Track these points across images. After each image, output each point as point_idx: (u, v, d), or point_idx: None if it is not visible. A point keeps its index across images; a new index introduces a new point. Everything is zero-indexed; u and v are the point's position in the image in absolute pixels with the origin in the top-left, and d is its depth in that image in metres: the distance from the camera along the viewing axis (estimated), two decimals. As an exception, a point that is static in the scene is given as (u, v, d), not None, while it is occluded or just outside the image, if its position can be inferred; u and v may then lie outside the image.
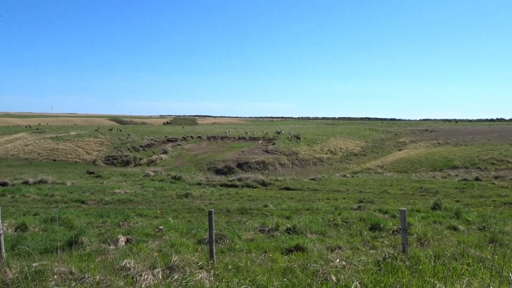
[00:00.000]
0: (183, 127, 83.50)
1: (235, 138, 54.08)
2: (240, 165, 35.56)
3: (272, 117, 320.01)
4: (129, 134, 53.29)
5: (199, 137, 55.94)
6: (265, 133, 57.58)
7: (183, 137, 54.45)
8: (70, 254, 5.38)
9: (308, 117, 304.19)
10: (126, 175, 22.41)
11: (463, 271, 4.13)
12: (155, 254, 5.29)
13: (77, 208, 10.60)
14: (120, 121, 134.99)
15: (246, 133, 59.51)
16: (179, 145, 48.92)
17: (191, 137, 55.68)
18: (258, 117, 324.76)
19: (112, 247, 6.10)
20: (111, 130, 60.81)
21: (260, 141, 50.11)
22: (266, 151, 41.26)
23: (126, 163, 39.38)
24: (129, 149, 45.34)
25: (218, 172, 32.75)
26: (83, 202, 11.74)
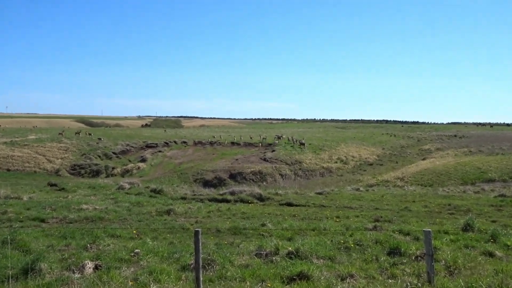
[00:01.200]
0: (165, 130, 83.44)
1: (227, 143, 54.11)
2: (232, 176, 35.53)
3: (271, 119, 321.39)
4: (100, 139, 53.10)
5: (184, 142, 55.85)
6: (263, 138, 57.67)
7: (165, 142, 54.34)
8: (25, 284, 5.30)
9: (314, 119, 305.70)
10: (96, 187, 22.26)
11: (500, 305, 4.11)
12: (130, 283, 5.23)
13: (36, 228, 10.49)
14: (89, 123, 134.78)
15: (241, 137, 59.60)
16: (160, 151, 48.79)
17: (175, 142, 55.57)
18: (255, 119, 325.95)
19: (77, 275, 6.02)
20: (78, 133, 60.58)
21: (257, 148, 50.13)
22: (264, 160, 41.29)
23: (96, 173, 39.16)
24: (99, 156, 45.12)
25: (207, 184, 32.67)
26: (42, 220, 11.62)
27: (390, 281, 5.62)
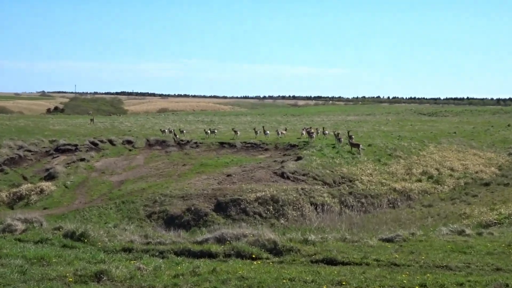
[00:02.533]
0: (92, 120, 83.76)
1: (210, 144, 54.13)
2: (221, 207, 35.41)
3: (294, 97, 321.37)
4: (-32, 136, 53.29)
5: (129, 142, 56.08)
6: (280, 134, 57.57)
7: (92, 143, 54.50)
8: None
9: (378, 97, 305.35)
10: (-39, 228, 22.29)
11: None
12: None
13: None
14: None
15: (236, 133, 59.54)
16: (82, 159, 48.94)
17: (111, 142, 55.75)
18: (264, 98, 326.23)
19: None
20: None
21: (268, 152, 50.10)
22: (282, 176, 41.16)
23: (-38, 202, 39.28)
24: (-32, 169, 45.24)
25: (172, 222, 32.65)
26: None
27: None
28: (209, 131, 59.85)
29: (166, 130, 63.16)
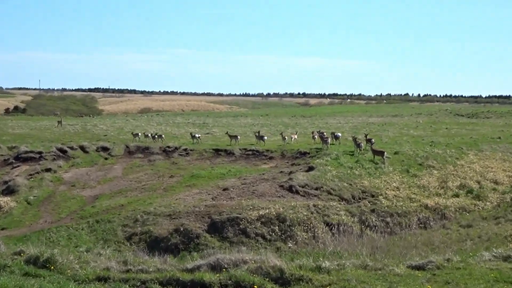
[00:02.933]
0: (59, 122, 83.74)
1: (203, 151, 54.02)
2: (216, 228, 35.34)
3: (305, 95, 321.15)
4: None
5: (104, 149, 55.95)
6: (286, 139, 57.50)
7: (60, 150, 54.40)
8: None
9: (407, 94, 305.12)
10: None
11: None
12: None
13: None
14: None
15: (236, 138, 59.41)
16: (48, 170, 48.86)
17: (82, 148, 55.63)
18: (268, 95, 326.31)
19: None
20: None
21: (274, 161, 49.97)
22: (290, 189, 41.03)
23: None
24: None
25: (156, 246, 32.61)
26: None
27: None
28: (197, 136, 59.58)
29: (140, 134, 62.48)
